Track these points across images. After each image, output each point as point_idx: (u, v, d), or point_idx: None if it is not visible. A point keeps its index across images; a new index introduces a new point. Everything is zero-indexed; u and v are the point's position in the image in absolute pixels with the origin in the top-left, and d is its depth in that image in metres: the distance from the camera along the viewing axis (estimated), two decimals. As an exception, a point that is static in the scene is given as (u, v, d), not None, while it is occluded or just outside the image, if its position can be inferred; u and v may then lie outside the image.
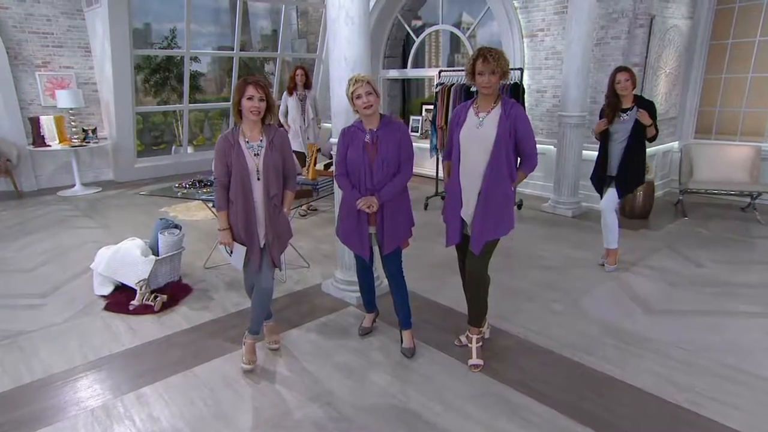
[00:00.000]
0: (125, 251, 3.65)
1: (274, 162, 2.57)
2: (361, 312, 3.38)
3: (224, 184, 2.58)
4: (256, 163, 2.56)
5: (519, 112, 2.57)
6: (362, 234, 2.78)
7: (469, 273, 2.78)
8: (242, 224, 2.59)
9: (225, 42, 10.15)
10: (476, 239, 2.65)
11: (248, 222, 2.60)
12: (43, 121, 6.91)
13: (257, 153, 2.57)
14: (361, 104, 2.59)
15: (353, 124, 2.76)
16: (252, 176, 2.56)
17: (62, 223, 5.56)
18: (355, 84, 2.58)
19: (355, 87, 2.58)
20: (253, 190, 2.58)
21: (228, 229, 2.63)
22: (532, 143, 2.62)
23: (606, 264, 4.09)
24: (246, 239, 2.63)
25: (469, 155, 2.64)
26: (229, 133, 2.59)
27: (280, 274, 4.00)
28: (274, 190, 2.59)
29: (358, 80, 2.59)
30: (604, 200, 3.97)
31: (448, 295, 3.62)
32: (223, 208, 2.61)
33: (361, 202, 2.66)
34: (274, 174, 2.58)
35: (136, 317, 3.37)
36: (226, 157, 2.54)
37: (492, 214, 2.62)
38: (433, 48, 10.15)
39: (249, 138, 2.58)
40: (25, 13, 6.91)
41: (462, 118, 2.70)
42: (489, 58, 2.48)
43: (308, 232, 5.22)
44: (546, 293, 3.67)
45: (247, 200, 2.57)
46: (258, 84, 2.47)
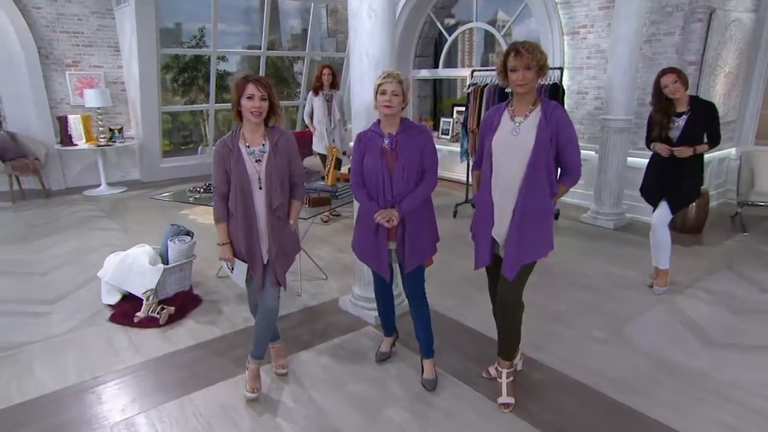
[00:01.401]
0: (133, 259, 3.47)
1: (277, 169, 2.30)
2: (380, 333, 3.08)
3: (223, 194, 2.34)
4: (257, 170, 2.29)
5: (562, 117, 2.22)
6: (380, 250, 2.47)
7: (500, 300, 2.44)
8: (243, 238, 2.33)
9: (255, 41, 10.04)
10: (509, 262, 2.31)
11: (249, 236, 2.34)
12: (71, 121, 6.91)
13: (259, 159, 2.30)
14: (382, 101, 2.31)
15: (370, 128, 2.46)
16: (253, 185, 2.29)
17: (83, 225, 5.49)
18: (384, 78, 2.32)
19: (383, 80, 2.31)
20: (254, 201, 2.31)
21: (228, 244, 2.38)
22: (577, 153, 2.26)
23: (655, 285, 3.65)
24: (247, 255, 2.37)
25: (503, 165, 2.30)
26: (228, 137, 2.34)
27: (294, 288, 3.75)
28: (278, 200, 2.33)
29: (390, 75, 2.32)
30: (657, 214, 3.53)
31: (476, 316, 3.28)
32: (222, 220, 2.36)
33: (379, 216, 2.36)
34: (278, 182, 2.31)
35: (140, 330, 3.17)
36: (224, 164, 2.29)
37: (528, 233, 2.27)
38: (466, 47, 9.78)
39: (250, 142, 2.31)
40: (57, 13, 6.93)
41: (495, 122, 2.36)
42: (522, 51, 2.13)
43: (329, 239, 4.96)
44: (586, 318, 3.28)
45: (247, 212, 2.31)
46: (259, 82, 2.21)
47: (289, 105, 10.01)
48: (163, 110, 7.62)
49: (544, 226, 2.31)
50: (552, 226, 2.36)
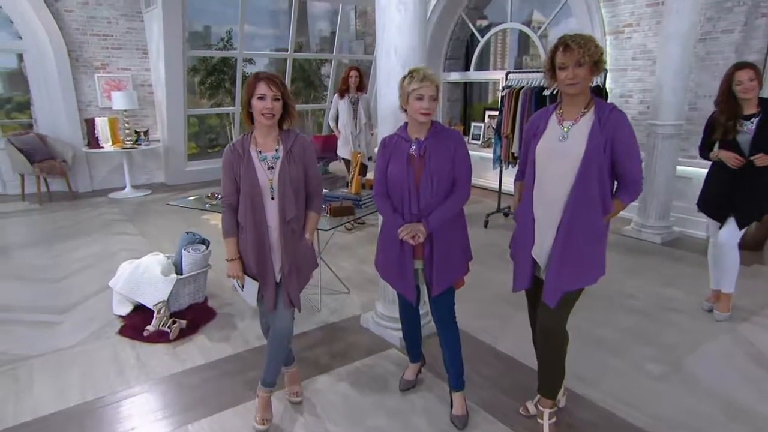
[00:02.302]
0: (145, 268, 3.29)
1: (292, 177, 2.07)
2: (404, 357, 2.80)
3: (232, 205, 2.11)
4: (269, 178, 2.06)
5: (619, 120, 1.90)
6: (406, 270, 2.20)
7: (541, 329, 2.12)
8: (253, 254, 2.10)
9: (283, 44, 9.95)
10: (552, 288, 2.00)
11: (260, 251, 2.10)
12: (98, 123, 6.90)
13: (271, 166, 2.07)
14: (420, 108, 2.03)
15: (397, 132, 2.20)
16: (265, 195, 2.06)
17: (104, 228, 5.40)
18: (421, 81, 2.01)
19: (420, 85, 2.01)
20: (266, 212, 2.08)
21: (237, 260, 2.15)
22: (637, 163, 1.94)
23: (715, 311, 3.26)
24: (258, 272, 2.14)
25: (548, 176, 2.00)
26: (238, 141, 2.11)
27: (314, 302, 3.51)
28: (292, 212, 2.08)
29: (427, 77, 2.02)
30: (724, 233, 3.12)
31: (511, 339, 2.96)
32: (231, 234, 2.13)
33: (403, 231, 2.09)
34: (293, 192, 2.07)
35: (148, 346, 2.98)
36: (233, 172, 2.06)
37: (575, 256, 1.96)
38: (498, 49, 9.42)
39: (262, 147, 2.08)
40: (88, 16, 6.95)
41: (541, 127, 2.06)
42: (572, 46, 1.83)
43: (352, 249, 4.71)
44: (637, 347, 2.91)
45: (258, 225, 2.07)
46: (271, 80, 1.98)
47: (316, 108, 9.87)
48: (188, 113, 7.55)
49: (594, 248, 1.99)
50: (604, 249, 2.04)
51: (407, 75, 2.07)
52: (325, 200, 3.41)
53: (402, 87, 2.08)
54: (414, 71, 2.07)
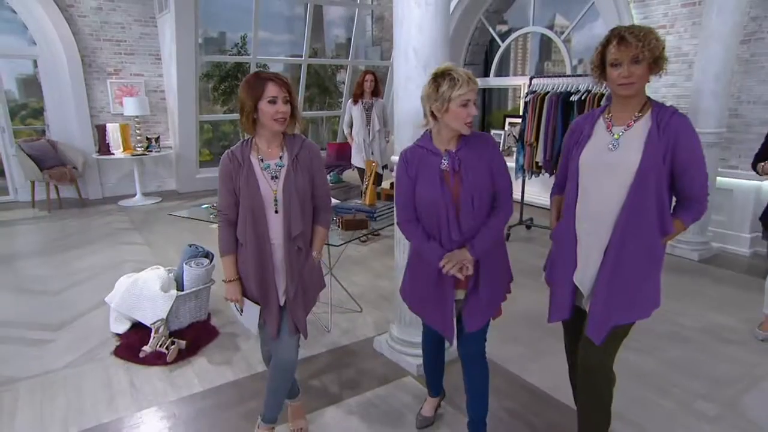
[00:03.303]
0: (143, 283, 3.07)
1: (299, 187, 1.84)
2: (421, 387, 2.53)
3: (230, 220, 1.88)
4: (273, 189, 1.83)
5: (682, 127, 1.61)
6: (446, 305, 1.88)
7: (583, 368, 1.83)
8: (254, 275, 1.86)
9: (299, 51, 9.83)
10: (597, 321, 1.71)
11: (262, 272, 1.87)
12: (109, 129, 6.78)
13: (275, 175, 1.84)
14: (467, 116, 1.73)
15: (419, 144, 1.89)
16: (267, 208, 1.83)
17: (110, 237, 5.23)
18: (467, 85, 1.70)
19: (467, 89, 1.70)
20: (269, 228, 1.85)
21: (236, 281, 1.91)
22: (702, 176, 1.64)
23: None
24: (259, 295, 1.90)
25: (594, 190, 1.71)
26: (237, 147, 1.87)
27: (323, 321, 3.25)
28: (299, 227, 1.85)
29: (471, 79, 1.72)
30: None
31: (541, 369, 2.66)
32: (228, 251, 1.90)
33: (448, 264, 1.76)
34: (299, 204, 1.84)
35: (144, 369, 2.75)
36: (232, 182, 1.83)
37: (626, 284, 1.68)
38: (519, 55, 9.13)
39: (264, 154, 1.86)
40: (101, 21, 6.86)
41: (585, 133, 1.78)
42: (629, 39, 1.55)
43: (366, 262, 4.45)
44: (686, 382, 2.58)
45: (260, 242, 1.84)
46: (280, 80, 1.76)
47: (331, 115, 9.68)
48: (201, 119, 7.40)
49: (648, 275, 1.70)
50: (659, 276, 1.74)
51: (441, 77, 1.73)
52: (337, 212, 3.17)
53: (437, 92, 1.72)
54: (450, 72, 1.73)
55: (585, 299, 1.80)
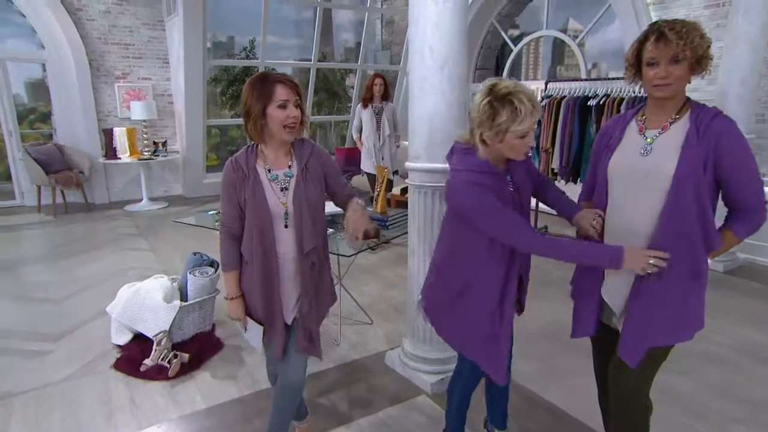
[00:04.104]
0: (146, 293, 2.95)
1: (310, 199, 1.70)
2: (436, 407, 2.38)
3: (233, 234, 1.73)
4: (283, 202, 1.68)
5: (726, 130, 1.45)
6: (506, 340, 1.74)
7: (616, 394, 1.67)
8: (260, 294, 1.73)
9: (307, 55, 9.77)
10: (633, 343, 1.56)
11: (268, 291, 1.73)
12: (116, 133, 6.72)
13: (285, 187, 1.69)
14: (523, 148, 1.56)
15: (483, 170, 1.59)
16: (276, 223, 1.69)
17: (115, 243, 5.14)
18: (530, 117, 1.49)
19: (530, 124, 1.50)
20: (278, 243, 1.71)
21: (239, 298, 1.77)
22: (755, 182, 1.48)
23: None
24: (264, 316, 1.76)
25: (625, 200, 1.57)
26: (240, 156, 1.72)
27: (332, 333, 3.11)
28: (312, 242, 1.71)
29: (536, 109, 1.49)
30: None
31: (564, 388, 2.50)
32: (232, 266, 1.76)
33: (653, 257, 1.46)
34: (311, 217, 1.70)
35: (144, 383, 2.62)
36: (236, 194, 1.68)
37: (664, 302, 1.52)
38: (531, 59, 9.00)
39: (272, 164, 1.71)
40: (110, 25, 6.82)
41: (615, 137, 1.64)
42: (669, 35, 1.39)
43: (376, 271, 4.31)
44: (721, 405, 2.41)
45: (268, 259, 1.70)
46: (290, 82, 1.62)
47: (340, 120, 9.59)
48: (208, 123, 7.32)
49: (692, 294, 1.54)
50: (704, 294, 1.59)
51: (501, 102, 1.48)
52: (347, 220, 3.04)
53: (493, 121, 1.50)
54: (512, 97, 1.47)
55: (617, 317, 1.65)
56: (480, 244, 1.62)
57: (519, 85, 1.51)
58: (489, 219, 1.55)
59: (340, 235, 2.88)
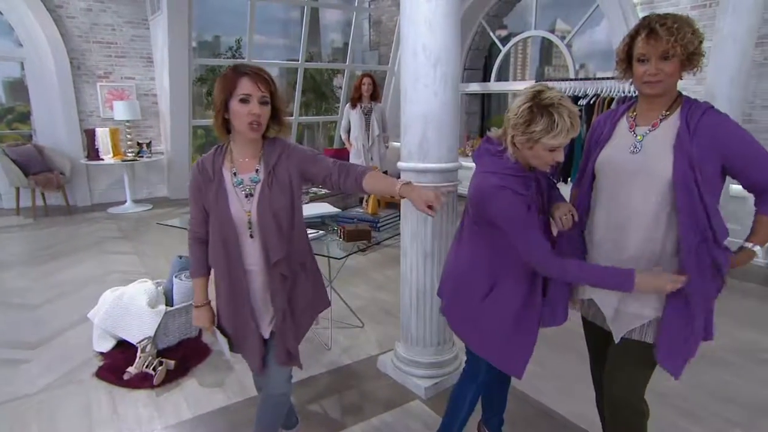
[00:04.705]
0: (129, 299, 2.85)
1: (275, 208, 1.55)
2: (430, 412, 2.32)
3: (200, 238, 1.65)
4: (247, 210, 1.56)
5: (721, 126, 1.41)
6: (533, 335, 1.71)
7: (609, 401, 1.63)
8: (229, 307, 1.64)
9: (294, 55, 9.68)
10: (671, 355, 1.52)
11: (238, 304, 1.63)
12: (98, 134, 6.55)
13: (250, 193, 1.57)
14: (551, 161, 1.51)
15: (515, 173, 1.54)
16: (241, 232, 1.58)
17: (97, 246, 4.99)
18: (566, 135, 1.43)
19: (563, 141, 1.44)
20: (244, 255, 1.59)
21: (206, 306, 1.70)
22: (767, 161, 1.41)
23: None
24: (235, 330, 1.67)
25: (614, 197, 1.54)
26: (207, 157, 1.60)
27: (322, 337, 3.04)
28: (279, 252, 1.57)
29: (574, 127, 1.43)
30: None
31: (559, 391, 2.46)
32: (199, 273, 1.68)
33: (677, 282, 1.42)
34: (276, 227, 1.55)
35: (128, 392, 2.52)
36: (201, 198, 1.59)
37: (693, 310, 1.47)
38: (519, 60, 9.03)
39: (239, 167, 1.58)
40: (91, 23, 6.65)
41: (606, 132, 1.60)
42: (660, 32, 1.36)
43: (366, 273, 4.25)
44: (718, 407, 2.39)
45: (234, 271, 1.59)
46: (258, 75, 1.47)
47: (328, 120, 9.50)
48: (194, 124, 7.19)
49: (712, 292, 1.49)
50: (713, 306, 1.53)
51: (540, 111, 1.42)
52: (338, 222, 2.98)
53: (527, 127, 1.45)
54: (552, 109, 1.41)
55: (608, 319, 1.61)
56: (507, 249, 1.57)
57: (564, 100, 1.45)
58: (518, 230, 1.51)
59: (331, 237, 2.82)
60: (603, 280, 1.48)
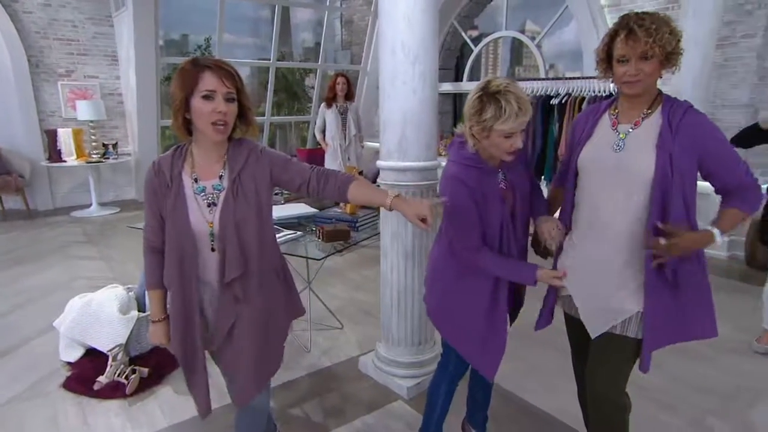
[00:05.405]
0: (98, 305, 2.73)
1: (239, 220, 1.39)
2: (413, 412, 2.31)
3: (156, 248, 1.48)
4: (209, 220, 1.40)
5: (700, 126, 1.44)
6: (501, 335, 1.71)
7: (591, 396, 1.66)
8: (177, 327, 1.49)
9: (265, 55, 9.53)
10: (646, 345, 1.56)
11: (187, 325, 1.47)
12: (61, 135, 6.29)
13: (213, 202, 1.41)
14: (509, 148, 1.52)
15: (467, 164, 1.59)
16: (201, 244, 1.42)
17: (61, 252, 4.79)
18: (515, 119, 1.46)
19: (513, 125, 1.47)
20: (203, 269, 1.45)
21: (163, 321, 1.55)
22: (741, 165, 1.45)
23: None
24: (182, 353, 1.51)
25: (596, 194, 1.56)
26: (165, 159, 1.43)
27: (303, 341, 2.99)
28: (237, 269, 1.40)
29: (524, 108, 1.47)
30: None
31: (544, 388, 2.49)
32: (155, 284, 1.52)
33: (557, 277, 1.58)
34: (238, 240, 1.39)
35: (99, 403, 2.42)
36: (157, 204, 1.43)
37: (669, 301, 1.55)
38: (490, 60, 9.15)
39: (200, 172, 1.42)
40: (50, 19, 6.38)
41: (587, 130, 1.62)
42: (639, 33, 1.38)
43: (343, 274, 4.21)
44: (694, 397, 2.45)
45: (186, 286, 1.43)
46: (222, 69, 1.32)
47: (301, 120, 9.40)
48: (162, 124, 6.99)
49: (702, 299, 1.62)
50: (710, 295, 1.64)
51: (488, 99, 1.47)
52: (316, 222, 2.94)
53: (480, 115, 1.49)
54: (499, 96, 1.46)
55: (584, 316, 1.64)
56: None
57: (512, 86, 1.49)
58: (451, 216, 1.60)
59: (309, 237, 2.78)
60: (509, 272, 1.61)
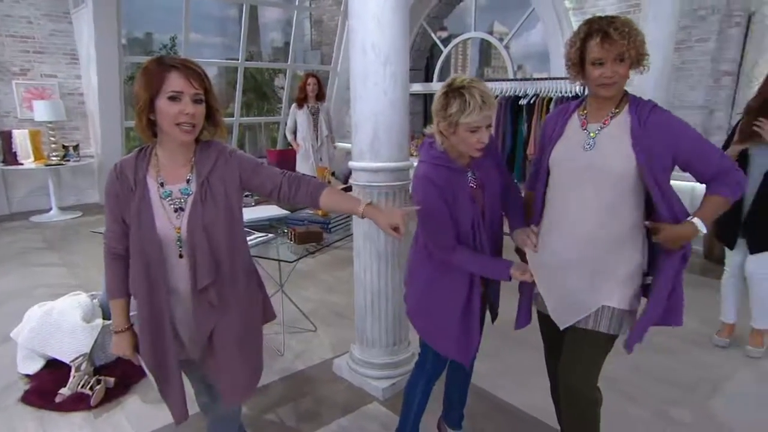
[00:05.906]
0: (60, 313, 2.63)
1: (208, 224, 1.35)
2: (389, 413, 2.31)
3: (119, 254, 1.42)
4: (176, 226, 1.35)
5: (666, 123, 1.49)
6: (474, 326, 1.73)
7: (564, 389, 1.70)
8: (145, 339, 1.43)
9: (233, 54, 9.36)
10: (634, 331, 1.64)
11: (158, 334, 1.41)
12: (16, 136, 6.01)
13: (180, 207, 1.36)
14: (476, 143, 1.55)
15: (436, 163, 1.62)
16: (169, 251, 1.37)
17: (19, 259, 4.58)
18: (479, 111, 1.49)
19: (480, 116, 1.50)
20: (171, 276, 1.39)
21: (126, 332, 1.50)
22: (715, 152, 1.49)
23: (749, 346, 2.84)
24: (154, 363, 1.45)
25: (568, 193, 1.60)
26: (128, 161, 1.37)
27: (276, 345, 2.95)
28: (208, 276, 1.36)
29: (487, 102, 1.51)
30: (755, 261, 2.71)
31: (519, 386, 2.53)
32: (117, 293, 1.46)
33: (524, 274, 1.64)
34: (209, 246, 1.35)
35: (60, 416, 2.32)
36: (119, 209, 1.37)
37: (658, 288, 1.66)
38: (459, 61, 9.26)
39: (166, 175, 1.37)
40: (2, 15, 6.08)
41: (558, 130, 1.65)
42: (614, 35, 1.42)
43: (315, 276, 4.18)
44: (657, 389, 2.54)
45: (155, 295, 1.38)
46: (189, 68, 1.28)
47: (271, 122, 9.28)
48: (126, 125, 6.77)
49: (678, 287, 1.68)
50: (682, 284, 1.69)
51: (453, 94, 1.52)
52: (288, 224, 2.90)
53: (445, 111, 1.53)
54: (463, 90, 1.50)
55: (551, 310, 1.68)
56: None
57: (475, 81, 1.54)
58: (424, 216, 1.62)
59: (281, 240, 2.74)
60: (484, 268, 1.65)
